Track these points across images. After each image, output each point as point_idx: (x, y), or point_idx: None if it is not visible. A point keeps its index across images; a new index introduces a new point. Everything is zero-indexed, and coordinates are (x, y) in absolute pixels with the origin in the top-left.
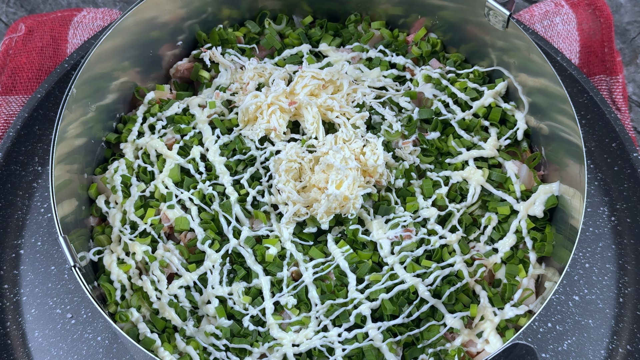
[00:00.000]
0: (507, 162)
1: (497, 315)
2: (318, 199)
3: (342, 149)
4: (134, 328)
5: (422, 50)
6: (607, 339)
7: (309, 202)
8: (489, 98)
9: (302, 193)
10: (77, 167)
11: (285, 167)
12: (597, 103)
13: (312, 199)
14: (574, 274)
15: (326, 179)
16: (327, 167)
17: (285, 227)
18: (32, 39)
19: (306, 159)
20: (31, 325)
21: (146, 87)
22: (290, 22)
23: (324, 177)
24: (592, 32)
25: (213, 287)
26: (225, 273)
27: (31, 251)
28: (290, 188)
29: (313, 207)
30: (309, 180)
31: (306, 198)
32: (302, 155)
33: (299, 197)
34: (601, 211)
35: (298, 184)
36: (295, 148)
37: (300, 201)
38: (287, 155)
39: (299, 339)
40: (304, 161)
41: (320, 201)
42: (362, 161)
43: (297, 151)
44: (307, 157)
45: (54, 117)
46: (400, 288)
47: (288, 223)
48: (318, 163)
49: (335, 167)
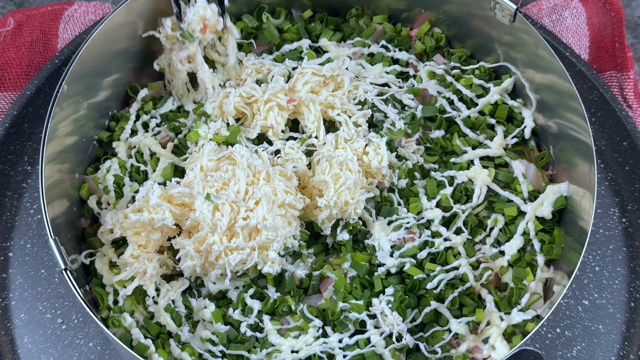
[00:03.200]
0: (514, 161)
1: (504, 321)
2: (317, 205)
3: (344, 149)
4: (127, 334)
5: (426, 45)
6: (618, 345)
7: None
8: (495, 95)
9: (302, 194)
10: (68, 167)
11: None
12: (608, 100)
13: (311, 203)
14: (584, 277)
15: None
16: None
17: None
18: (21, 34)
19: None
20: (20, 330)
21: (139, 84)
22: (289, 16)
23: (323, 179)
24: (603, 27)
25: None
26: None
27: (20, 254)
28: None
29: (313, 213)
30: (308, 182)
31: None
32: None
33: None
34: (612, 212)
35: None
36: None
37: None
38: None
39: (298, 345)
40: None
41: (320, 207)
42: (364, 162)
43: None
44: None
45: (44, 115)
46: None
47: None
48: (318, 163)
49: (334, 169)
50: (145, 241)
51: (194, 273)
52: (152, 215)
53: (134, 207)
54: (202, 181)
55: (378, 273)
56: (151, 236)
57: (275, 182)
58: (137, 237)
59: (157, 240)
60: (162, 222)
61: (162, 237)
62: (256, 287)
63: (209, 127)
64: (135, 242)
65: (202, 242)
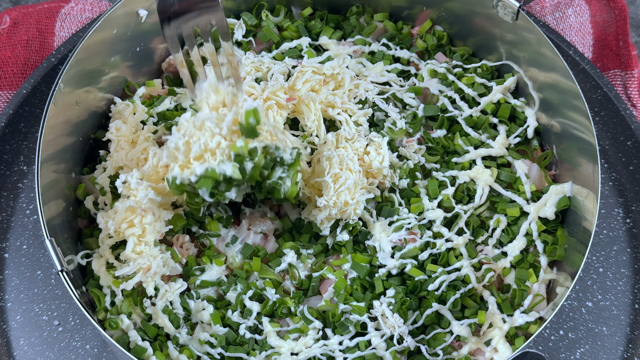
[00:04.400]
0: (516, 161)
1: (507, 323)
2: (317, 205)
3: (344, 148)
4: (124, 336)
5: (428, 43)
6: (622, 347)
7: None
8: (498, 94)
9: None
10: (65, 167)
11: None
12: (612, 99)
13: (311, 203)
14: (587, 279)
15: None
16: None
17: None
18: (17, 32)
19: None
20: (16, 332)
21: (137, 82)
22: (288, 14)
23: (323, 179)
24: (606, 25)
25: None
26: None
27: (16, 255)
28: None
29: (312, 213)
30: (308, 181)
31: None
32: None
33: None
34: (615, 213)
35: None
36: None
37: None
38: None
39: (297, 347)
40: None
41: (319, 207)
42: (365, 162)
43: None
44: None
45: (40, 114)
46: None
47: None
48: (318, 162)
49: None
50: (141, 229)
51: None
52: (137, 198)
53: (121, 201)
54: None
55: (379, 274)
56: (144, 221)
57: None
58: (132, 228)
59: (151, 224)
60: (146, 198)
61: (157, 221)
62: (255, 288)
63: None
64: (133, 235)
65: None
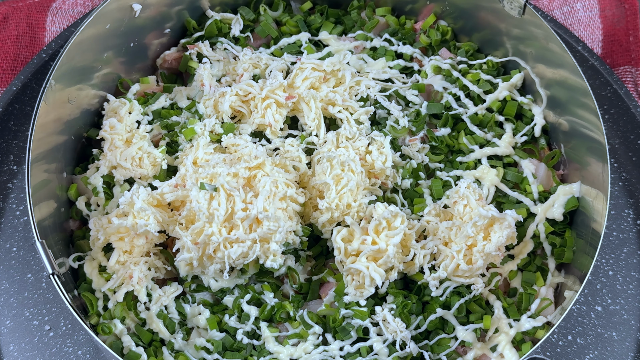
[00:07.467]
0: (523, 160)
1: (513, 328)
2: (318, 207)
3: (345, 148)
4: (118, 341)
5: (431, 39)
6: (632, 353)
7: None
8: (504, 91)
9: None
10: (56, 166)
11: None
12: (622, 96)
13: (311, 205)
14: (597, 282)
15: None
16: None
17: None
18: (6, 27)
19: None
20: (6, 338)
21: (130, 79)
22: (287, 8)
23: (324, 181)
24: (616, 20)
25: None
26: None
27: (6, 257)
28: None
29: (313, 215)
30: (307, 182)
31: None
32: None
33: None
34: (626, 214)
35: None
36: None
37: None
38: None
39: (297, 353)
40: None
41: (320, 209)
42: (367, 162)
43: None
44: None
45: (31, 112)
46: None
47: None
48: (318, 163)
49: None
50: (129, 247)
51: (190, 269)
52: (137, 220)
53: (117, 212)
54: (195, 174)
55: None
56: (135, 242)
57: (275, 174)
58: (121, 242)
59: (141, 246)
60: (144, 227)
61: (148, 244)
62: (253, 292)
63: (204, 125)
64: (120, 248)
65: (199, 233)
